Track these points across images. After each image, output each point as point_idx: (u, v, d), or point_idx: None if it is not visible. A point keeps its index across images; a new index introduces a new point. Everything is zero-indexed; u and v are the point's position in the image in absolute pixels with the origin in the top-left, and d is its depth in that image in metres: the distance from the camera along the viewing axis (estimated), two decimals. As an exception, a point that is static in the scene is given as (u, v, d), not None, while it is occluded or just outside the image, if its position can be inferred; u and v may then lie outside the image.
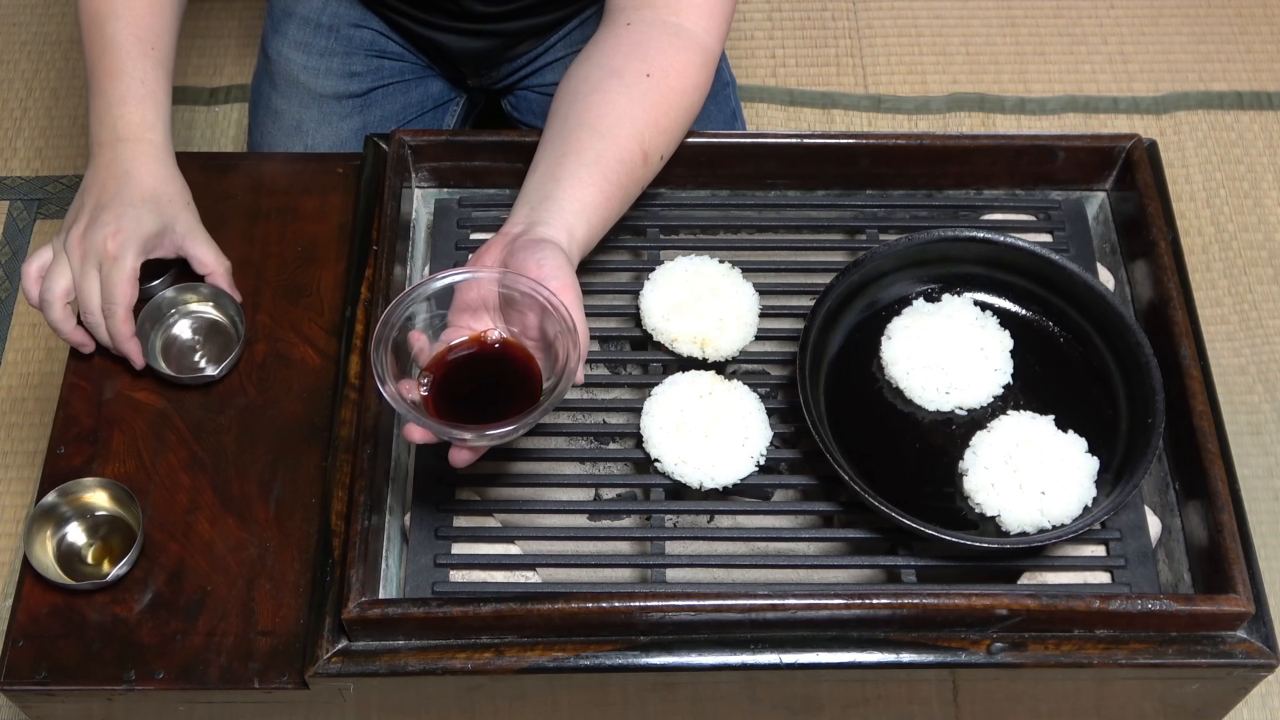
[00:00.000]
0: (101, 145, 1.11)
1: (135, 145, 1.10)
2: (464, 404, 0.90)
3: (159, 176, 1.10)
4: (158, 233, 1.08)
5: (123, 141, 1.10)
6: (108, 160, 1.10)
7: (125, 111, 1.10)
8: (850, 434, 1.04)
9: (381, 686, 0.96)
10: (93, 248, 1.06)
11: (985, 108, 1.92)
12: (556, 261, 0.90)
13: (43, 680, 0.96)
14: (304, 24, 1.40)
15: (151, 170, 1.10)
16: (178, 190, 1.11)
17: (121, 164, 1.09)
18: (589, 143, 0.99)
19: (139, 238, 1.06)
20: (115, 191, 1.08)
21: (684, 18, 1.06)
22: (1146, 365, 1.02)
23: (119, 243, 1.05)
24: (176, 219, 1.09)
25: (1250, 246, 1.80)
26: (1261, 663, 0.96)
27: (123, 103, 1.10)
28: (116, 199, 1.07)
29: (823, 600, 0.94)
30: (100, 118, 1.11)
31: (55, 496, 1.01)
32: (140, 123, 1.10)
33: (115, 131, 1.10)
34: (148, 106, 1.11)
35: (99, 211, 1.07)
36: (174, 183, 1.11)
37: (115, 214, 1.06)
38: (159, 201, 1.09)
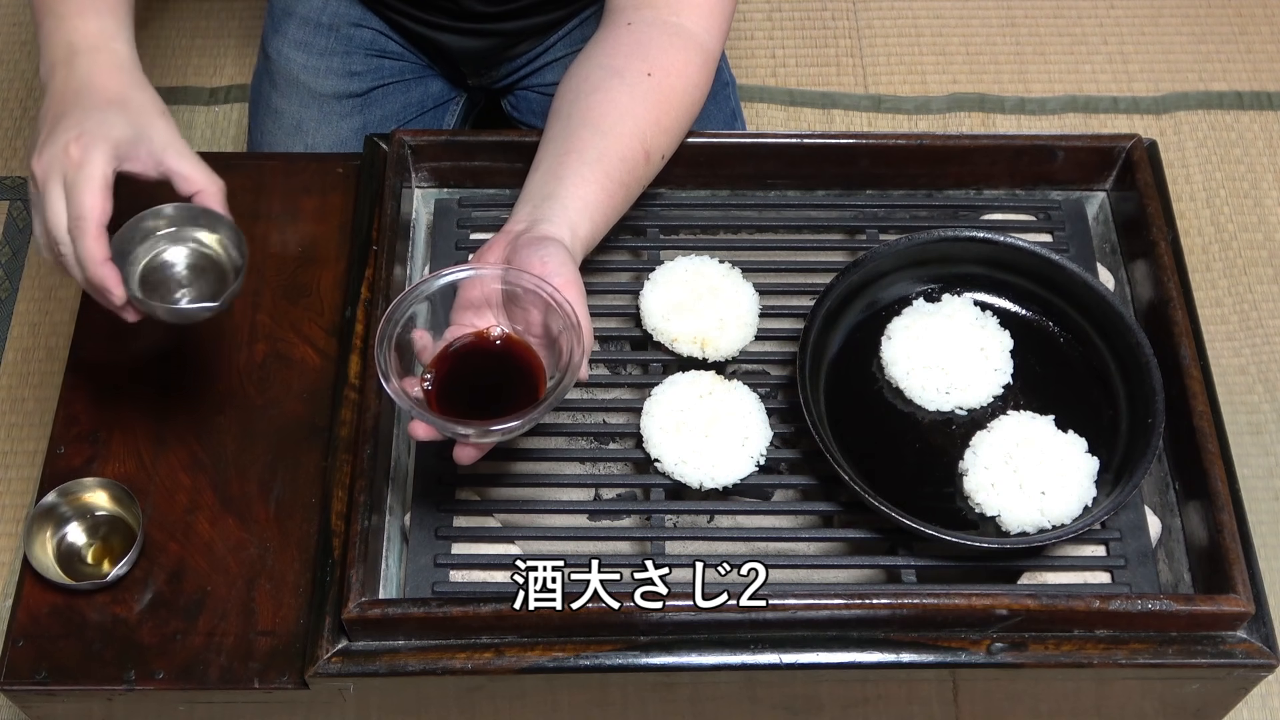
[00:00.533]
0: (55, 65, 0.97)
1: (94, 55, 0.97)
2: (467, 401, 0.90)
3: (124, 82, 0.96)
4: (129, 139, 0.93)
5: (79, 54, 0.97)
6: (63, 78, 0.96)
7: (80, 24, 0.97)
8: (850, 434, 1.04)
9: (381, 686, 0.96)
10: (54, 159, 0.92)
11: (985, 108, 1.92)
12: (560, 258, 0.90)
13: (43, 680, 0.96)
14: (304, 23, 1.40)
15: (115, 77, 0.96)
16: (149, 98, 0.97)
17: (79, 76, 0.96)
18: (591, 141, 0.99)
19: (107, 140, 0.92)
20: (74, 101, 0.94)
21: (685, 18, 1.06)
22: (1146, 365, 1.02)
23: (82, 145, 0.91)
24: (151, 126, 0.95)
25: (1250, 246, 1.80)
26: (1261, 663, 0.96)
27: (78, 15, 0.98)
28: (76, 106, 0.94)
29: (823, 600, 0.94)
30: (50, 37, 0.98)
31: (55, 496, 1.01)
32: (99, 32, 0.98)
33: (70, 46, 0.97)
34: (106, 17, 0.98)
35: (56, 121, 0.93)
36: (144, 90, 0.97)
37: (76, 119, 0.93)
38: (126, 106, 0.95)
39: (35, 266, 1.78)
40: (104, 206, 0.90)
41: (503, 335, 0.92)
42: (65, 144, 0.91)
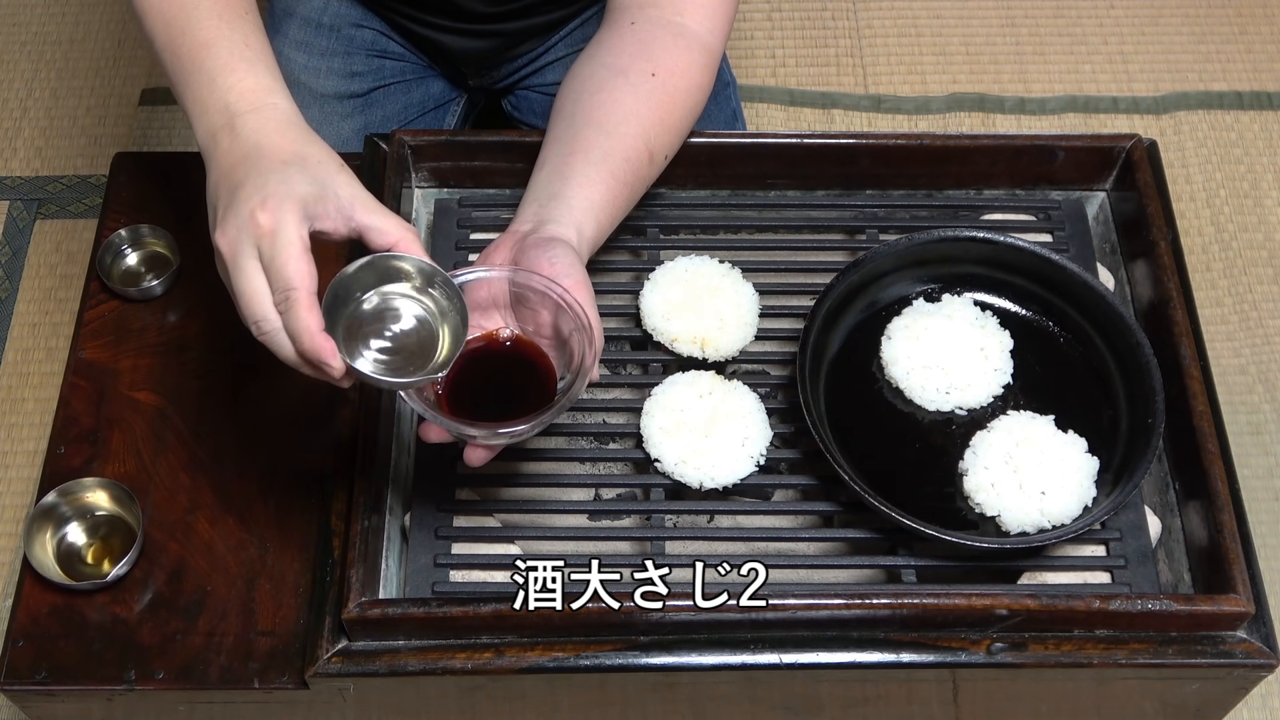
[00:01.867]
0: (215, 132, 0.90)
1: (258, 114, 0.90)
2: (477, 402, 0.90)
3: (297, 139, 0.89)
4: (316, 196, 0.85)
5: (240, 115, 0.90)
6: (227, 144, 0.89)
7: (235, 82, 0.91)
8: (850, 434, 1.04)
9: (381, 686, 0.96)
10: (241, 230, 0.83)
11: (985, 108, 1.92)
12: (569, 259, 0.89)
13: (43, 680, 0.96)
14: (305, 24, 1.40)
15: (286, 134, 0.89)
16: (325, 152, 0.90)
17: (246, 139, 0.88)
18: (596, 141, 0.99)
19: (295, 200, 0.84)
20: (249, 166, 0.87)
21: (688, 18, 1.06)
22: (1146, 365, 1.02)
23: (270, 210, 0.83)
24: (334, 181, 0.86)
25: (1250, 246, 1.80)
26: (1261, 663, 0.96)
27: (230, 72, 0.91)
28: (253, 171, 0.86)
29: (823, 600, 0.94)
30: (203, 101, 0.91)
31: (55, 496, 1.01)
32: (255, 88, 0.91)
33: (228, 109, 0.90)
34: (260, 72, 0.92)
35: (232, 197, 0.85)
36: (317, 144, 0.90)
37: (257, 185, 0.85)
38: (306, 163, 0.87)
39: (35, 267, 1.78)
40: (310, 271, 0.82)
41: (512, 336, 0.92)
42: (251, 211, 0.83)
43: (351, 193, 0.86)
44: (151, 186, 1.19)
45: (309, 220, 0.84)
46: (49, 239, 1.80)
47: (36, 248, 1.79)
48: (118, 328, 1.12)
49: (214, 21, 0.93)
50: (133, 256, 1.16)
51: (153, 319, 1.12)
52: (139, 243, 1.16)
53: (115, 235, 1.15)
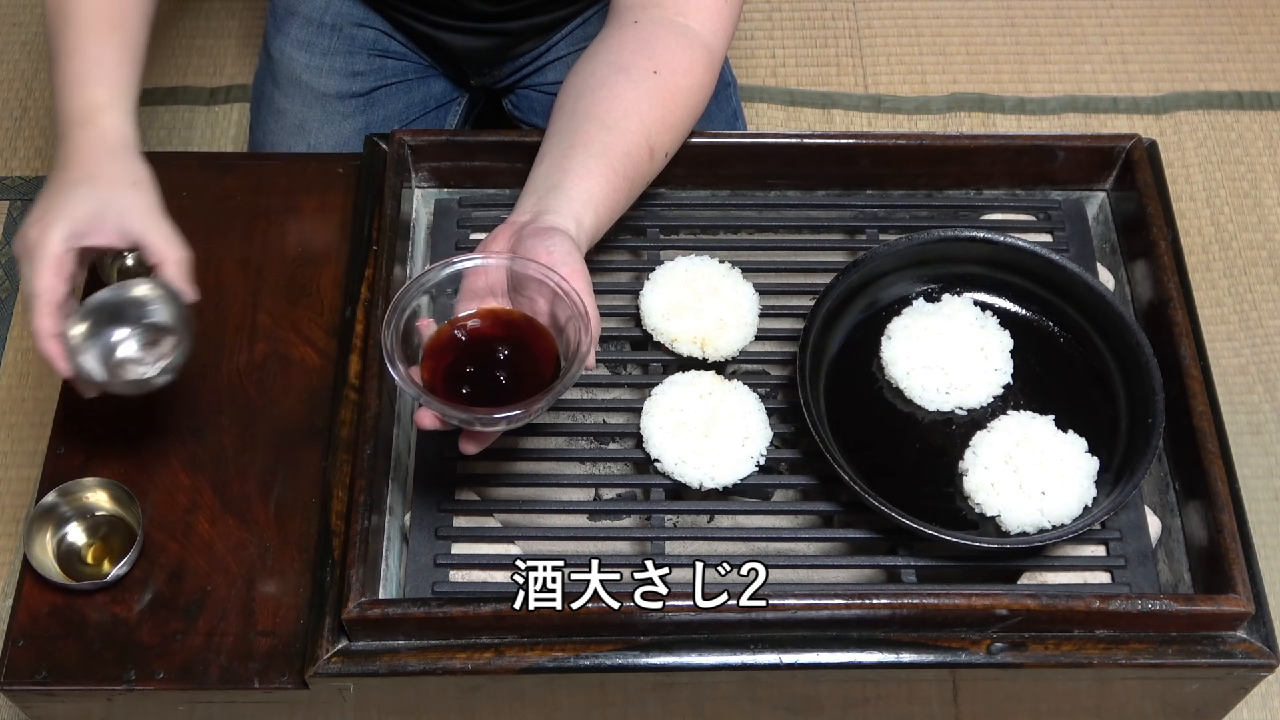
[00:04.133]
0: (59, 138, 1.01)
1: (80, 131, 1.00)
2: (472, 389, 0.90)
3: (100, 157, 0.99)
4: (92, 214, 0.96)
5: (69, 128, 1.00)
6: (57, 155, 1.01)
7: (74, 95, 1.01)
8: (850, 434, 1.04)
9: (381, 686, 0.96)
10: (21, 241, 0.96)
11: (985, 108, 1.92)
12: (566, 248, 0.90)
13: (43, 680, 0.96)
14: (307, 23, 1.40)
15: (92, 152, 0.99)
16: (123, 169, 0.99)
17: (63, 154, 1.00)
18: (596, 136, 0.99)
19: (66, 219, 0.95)
20: (51, 181, 0.99)
21: (691, 18, 1.06)
22: (1146, 365, 1.02)
23: (42, 228, 0.95)
24: (118, 198, 0.97)
25: (1250, 246, 1.80)
26: (1261, 663, 0.96)
27: (74, 85, 1.01)
28: (49, 187, 0.98)
29: (823, 600, 0.94)
30: (56, 108, 1.02)
31: (55, 496, 1.01)
32: (87, 106, 1.00)
33: (65, 118, 1.01)
34: (100, 88, 1.01)
35: (35, 203, 0.98)
36: (117, 162, 0.99)
37: (43, 202, 0.97)
38: (95, 180, 0.97)
39: (35, 266, 1.78)
40: (53, 285, 0.94)
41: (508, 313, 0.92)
42: (29, 226, 0.96)
43: (132, 208, 0.97)
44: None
45: (76, 238, 0.95)
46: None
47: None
48: (118, 328, 1.12)
49: (81, 30, 1.02)
50: (132, 256, 1.16)
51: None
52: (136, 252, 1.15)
53: None
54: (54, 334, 0.95)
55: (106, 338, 0.99)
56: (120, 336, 0.99)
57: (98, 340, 0.98)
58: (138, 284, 0.99)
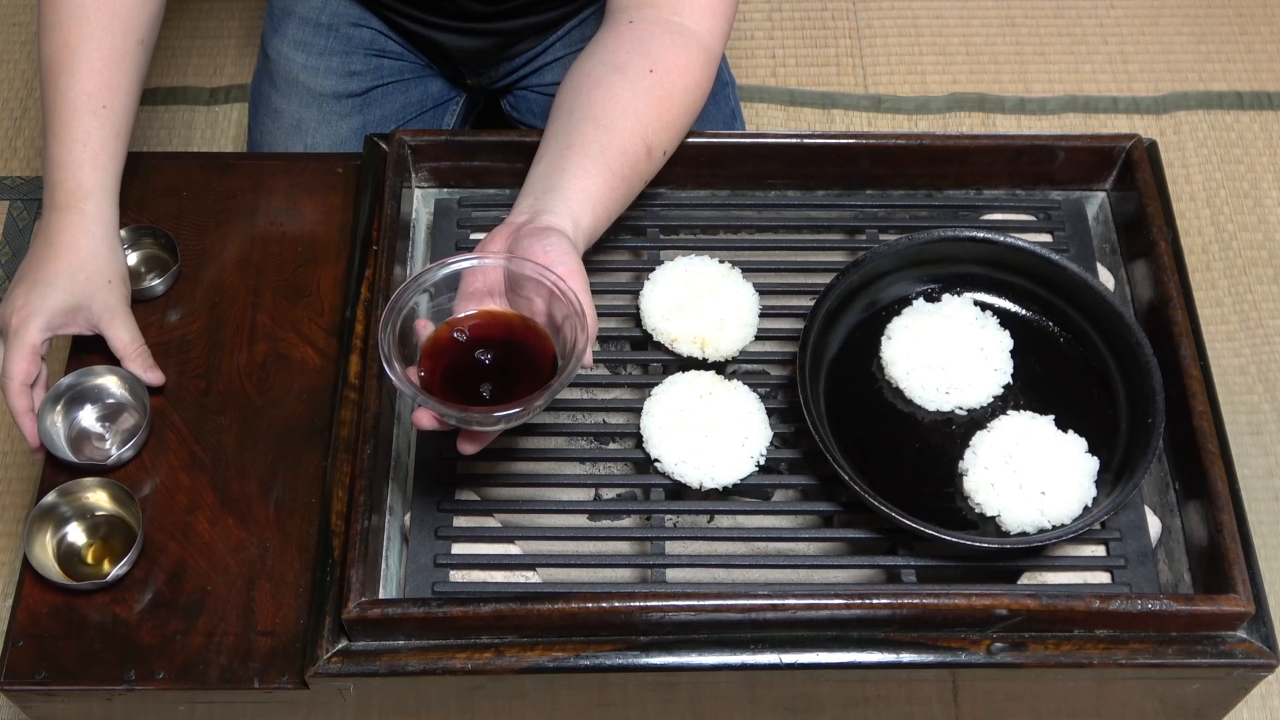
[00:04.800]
0: (43, 212, 1.08)
1: (65, 215, 1.07)
2: (470, 389, 0.90)
3: (83, 250, 1.06)
4: (69, 308, 1.05)
5: (55, 210, 1.07)
6: (42, 229, 1.08)
7: (63, 178, 1.07)
8: (850, 434, 1.04)
9: (381, 686, 0.96)
10: (3, 318, 1.05)
11: (985, 108, 1.92)
12: (563, 248, 0.90)
13: (43, 680, 0.96)
14: (304, 23, 1.40)
15: (75, 242, 1.06)
16: (102, 265, 1.07)
17: (48, 234, 1.07)
18: (593, 135, 0.99)
19: (45, 313, 1.04)
20: (36, 264, 1.06)
21: (686, 17, 1.06)
22: (1146, 365, 1.02)
23: (22, 317, 1.04)
24: (94, 296, 1.06)
25: (1250, 246, 1.80)
26: (1261, 663, 0.96)
27: (61, 167, 1.07)
28: (31, 272, 1.06)
29: (823, 600, 0.94)
30: (45, 182, 1.08)
31: (55, 496, 1.01)
32: (74, 190, 1.07)
33: (52, 198, 1.07)
34: (86, 172, 1.07)
35: (16, 284, 1.06)
36: (99, 257, 1.07)
37: (26, 288, 1.05)
38: (75, 275, 1.06)
39: (35, 266, 1.78)
40: (28, 370, 1.04)
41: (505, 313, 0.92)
42: (11, 312, 1.04)
43: (103, 307, 1.06)
44: (151, 186, 1.19)
45: (52, 330, 1.05)
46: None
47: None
48: (118, 328, 1.12)
49: (67, 113, 1.07)
50: (133, 256, 1.16)
51: (153, 319, 1.12)
52: (139, 243, 1.16)
53: None
54: (26, 410, 1.05)
55: (72, 417, 1.07)
56: (84, 415, 1.07)
57: (64, 418, 1.07)
58: (100, 371, 1.07)
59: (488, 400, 0.88)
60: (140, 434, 1.04)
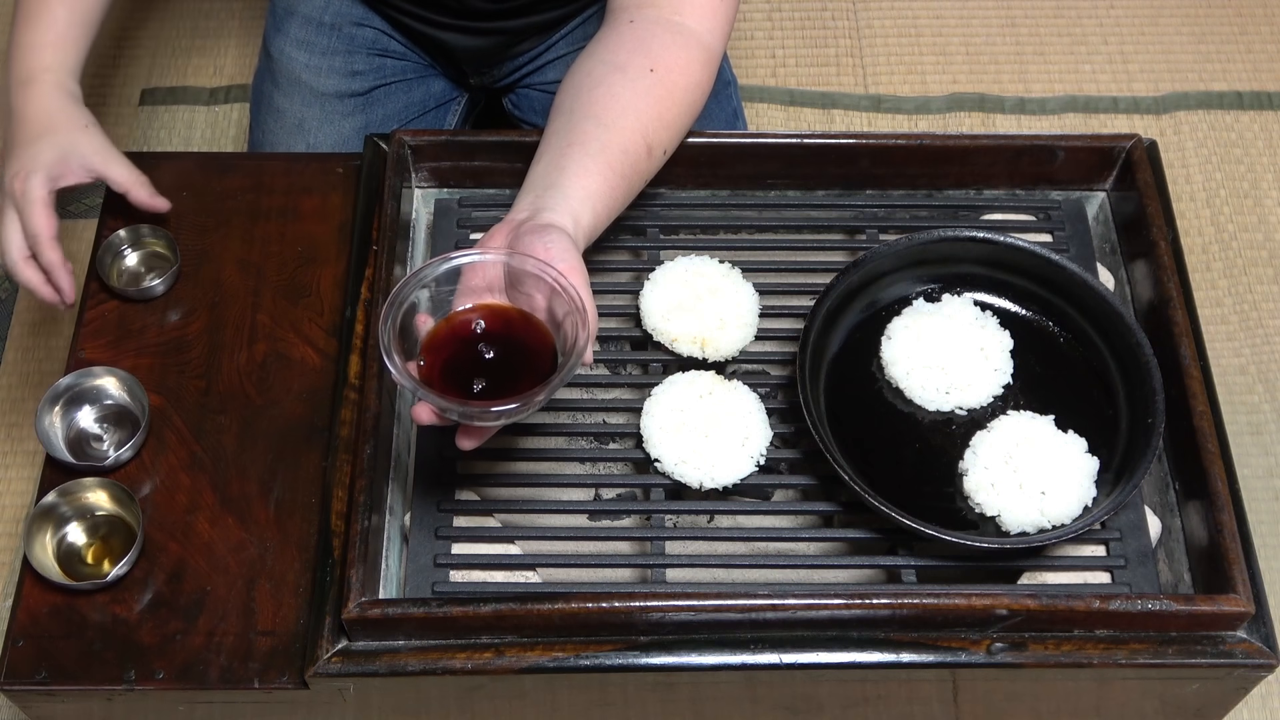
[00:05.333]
0: (10, 94, 1.14)
1: (28, 88, 1.13)
2: (468, 383, 0.90)
3: (50, 109, 1.12)
4: (58, 159, 1.10)
5: (19, 86, 1.13)
6: (11, 109, 1.14)
7: (26, 56, 1.13)
8: (850, 434, 1.04)
9: (381, 686, 0.96)
10: (3, 198, 1.10)
11: (985, 108, 1.92)
12: (563, 245, 0.90)
13: (43, 680, 0.96)
14: (306, 23, 1.40)
15: (42, 105, 1.12)
16: (71, 116, 1.13)
17: (17, 109, 1.13)
18: (594, 134, 0.99)
19: (41, 167, 1.09)
20: (13, 138, 1.12)
21: (687, 17, 1.06)
22: (1146, 365, 1.02)
23: (23, 179, 1.08)
24: (78, 141, 1.11)
25: (1250, 246, 1.80)
26: (1261, 663, 0.96)
27: (27, 48, 1.14)
28: (12, 144, 1.12)
29: (823, 600, 0.94)
30: (10, 64, 1.14)
31: (55, 496, 1.01)
32: (35, 66, 1.13)
33: (16, 76, 1.13)
34: (49, 52, 1.13)
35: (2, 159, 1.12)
36: (65, 111, 1.13)
37: (12, 158, 1.11)
38: (53, 131, 1.11)
39: (35, 266, 1.78)
40: (49, 223, 1.09)
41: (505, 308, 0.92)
42: (8, 180, 1.10)
43: (91, 149, 1.11)
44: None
45: (53, 182, 1.09)
46: None
47: None
48: (118, 328, 1.12)
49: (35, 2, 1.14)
50: (133, 257, 1.16)
51: (153, 319, 1.12)
52: (139, 243, 1.16)
53: (115, 235, 1.15)
54: (61, 262, 1.10)
55: (71, 417, 1.07)
56: (82, 416, 1.08)
57: (63, 419, 1.07)
58: (99, 373, 1.07)
59: (487, 395, 0.88)
60: (140, 434, 1.04)
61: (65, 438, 1.06)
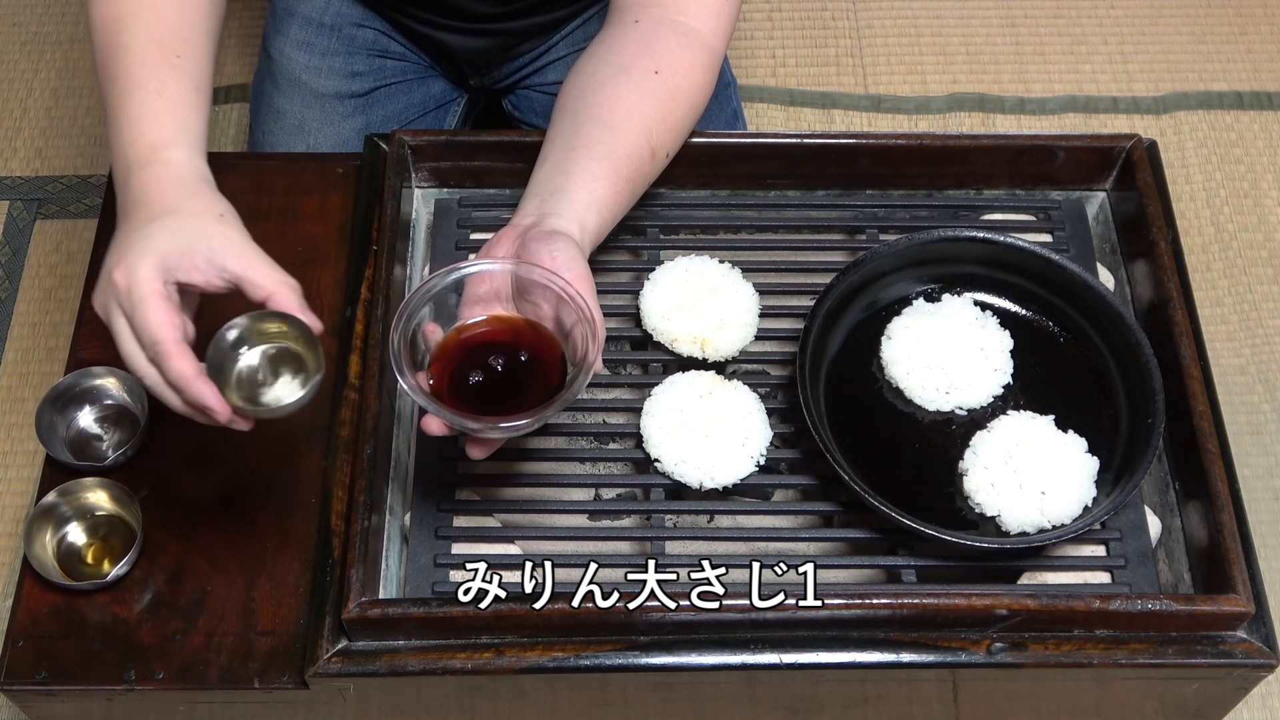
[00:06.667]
0: (118, 188, 0.93)
1: (147, 171, 0.92)
2: (480, 395, 0.90)
3: (176, 193, 0.91)
4: (180, 248, 0.86)
5: (133, 171, 0.92)
6: (120, 203, 0.92)
7: (136, 136, 0.92)
8: (850, 434, 1.04)
9: (381, 686, 0.96)
10: (105, 294, 0.86)
11: (985, 108, 1.92)
12: (570, 253, 0.90)
13: (43, 680, 0.96)
14: (306, 23, 1.40)
15: (165, 190, 0.91)
16: (203, 204, 0.90)
17: (131, 198, 0.91)
18: (598, 137, 0.99)
19: (151, 256, 0.85)
20: (123, 227, 0.90)
21: (691, 18, 1.06)
22: (1146, 365, 1.02)
23: (126, 269, 0.85)
24: (203, 233, 0.87)
25: (1250, 246, 1.80)
26: (1261, 663, 0.96)
27: (134, 125, 0.93)
28: (120, 232, 0.90)
29: (823, 600, 0.94)
30: (113, 151, 0.93)
31: (55, 496, 1.01)
32: (153, 143, 0.93)
33: (126, 161, 0.92)
34: (163, 123, 0.93)
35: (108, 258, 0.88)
36: (196, 198, 0.91)
37: (119, 245, 0.88)
38: (176, 216, 0.88)
39: (35, 267, 1.78)
40: (172, 321, 0.83)
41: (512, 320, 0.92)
42: (109, 272, 0.85)
43: (223, 243, 0.86)
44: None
45: (168, 273, 0.85)
46: (49, 239, 1.80)
47: (36, 248, 1.79)
48: (118, 328, 1.12)
49: (135, 67, 0.94)
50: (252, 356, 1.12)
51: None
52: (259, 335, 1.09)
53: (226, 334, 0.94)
54: (197, 374, 0.84)
55: (71, 417, 1.05)
56: (82, 416, 1.06)
57: (63, 419, 1.05)
58: (99, 373, 1.05)
59: (498, 406, 0.88)
60: (140, 434, 1.04)
61: (65, 438, 1.06)
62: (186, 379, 0.82)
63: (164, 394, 0.85)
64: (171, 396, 0.85)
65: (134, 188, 0.90)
